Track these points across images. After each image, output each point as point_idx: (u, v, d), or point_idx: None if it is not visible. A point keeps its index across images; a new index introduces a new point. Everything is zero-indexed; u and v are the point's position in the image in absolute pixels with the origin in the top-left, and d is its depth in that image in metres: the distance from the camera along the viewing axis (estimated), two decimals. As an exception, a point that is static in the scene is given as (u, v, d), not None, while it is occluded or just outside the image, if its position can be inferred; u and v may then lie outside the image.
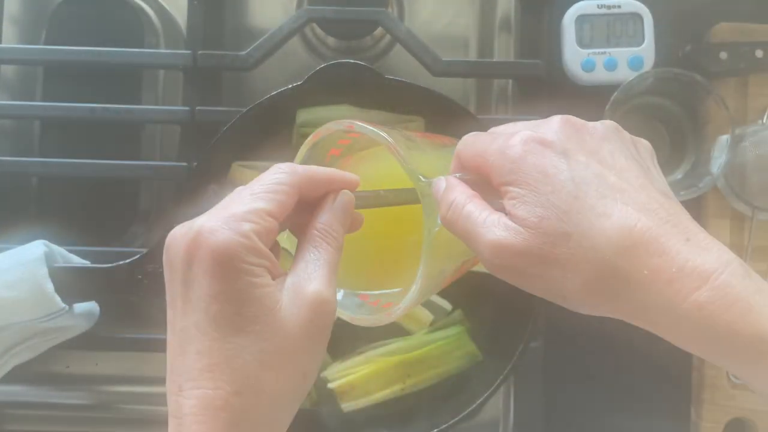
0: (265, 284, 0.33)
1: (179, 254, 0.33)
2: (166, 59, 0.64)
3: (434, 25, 0.71)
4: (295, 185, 0.36)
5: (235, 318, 0.32)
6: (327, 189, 0.38)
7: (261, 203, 0.34)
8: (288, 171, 0.36)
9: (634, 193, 0.34)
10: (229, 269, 0.32)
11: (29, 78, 0.68)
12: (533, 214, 0.33)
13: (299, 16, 0.61)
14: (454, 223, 0.36)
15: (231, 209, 0.34)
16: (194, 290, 0.33)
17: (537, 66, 0.63)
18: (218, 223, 0.33)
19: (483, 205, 0.36)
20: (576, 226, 0.33)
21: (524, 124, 0.38)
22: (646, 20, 0.64)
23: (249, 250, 0.33)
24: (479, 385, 0.58)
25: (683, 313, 0.31)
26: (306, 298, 0.34)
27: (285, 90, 0.57)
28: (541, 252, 0.33)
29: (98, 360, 0.67)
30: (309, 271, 0.35)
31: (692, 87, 0.61)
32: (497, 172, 0.35)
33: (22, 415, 0.65)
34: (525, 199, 0.34)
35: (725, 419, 0.64)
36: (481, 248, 0.35)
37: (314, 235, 0.36)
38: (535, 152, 0.34)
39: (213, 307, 0.32)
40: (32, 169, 0.63)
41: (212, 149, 0.57)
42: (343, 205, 0.38)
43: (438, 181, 0.38)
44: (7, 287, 0.53)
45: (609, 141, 0.36)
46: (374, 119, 0.60)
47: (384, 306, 0.43)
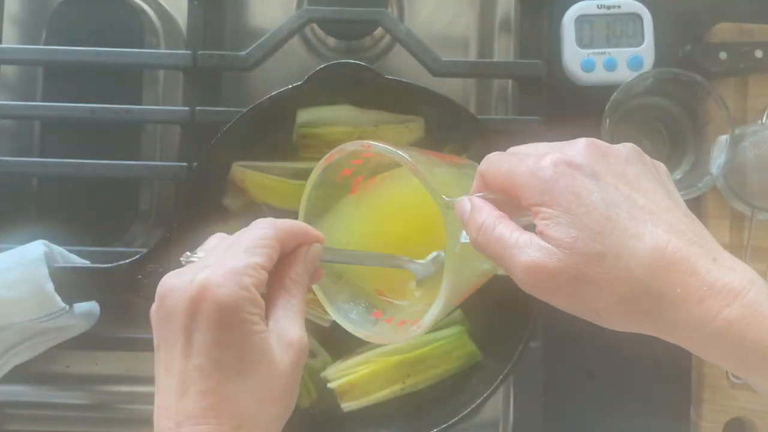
0: (260, 330, 0.37)
1: (181, 304, 0.36)
2: (166, 59, 0.64)
3: (434, 25, 0.71)
4: (278, 239, 0.40)
5: (236, 362, 0.36)
6: (300, 241, 0.41)
7: (255, 258, 0.38)
8: (271, 226, 0.40)
9: (663, 214, 0.35)
10: (233, 320, 0.36)
11: (29, 78, 0.68)
12: (567, 234, 0.34)
13: (299, 16, 0.61)
14: (485, 245, 0.37)
15: (230, 264, 0.37)
16: (197, 337, 0.36)
17: (537, 66, 0.63)
18: (222, 278, 0.36)
19: (512, 225, 0.37)
20: (610, 247, 0.34)
21: (549, 146, 0.39)
22: (646, 20, 0.64)
23: (249, 302, 0.37)
24: (479, 385, 0.58)
25: (714, 330, 0.33)
26: (291, 343, 0.38)
27: (285, 90, 0.57)
28: (575, 272, 0.34)
29: (98, 360, 0.67)
30: (289, 318, 0.39)
31: (692, 87, 0.61)
32: (528, 192, 0.36)
33: (22, 415, 0.65)
34: (558, 219, 0.35)
35: (725, 419, 0.64)
36: (515, 269, 0.36)
37: (289, 284, 0.40)
38: (566, 174, 0.35)
39: (216, 353, 0.36)
40: (32, 169, 0.63)
41: (212, 149, 0.57)
42: (313, 257, 0.42)
43: (462, 202, 0.39)
44: (7, 287, 0.53)
45: (633, 164, 0.37)
46: (374, 119, 0.60)
47: (399, 324, 0.44)
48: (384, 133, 0.60)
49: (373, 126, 0.60)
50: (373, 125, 0.60)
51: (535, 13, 0.65)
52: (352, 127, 0.60)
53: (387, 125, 0.60)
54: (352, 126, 0.60)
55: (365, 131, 0.60)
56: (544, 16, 0.65)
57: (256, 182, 0.59)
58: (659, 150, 0.66)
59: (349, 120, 0.60)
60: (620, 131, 0.65)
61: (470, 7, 0.71)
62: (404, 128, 0.60)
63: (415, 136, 0.61)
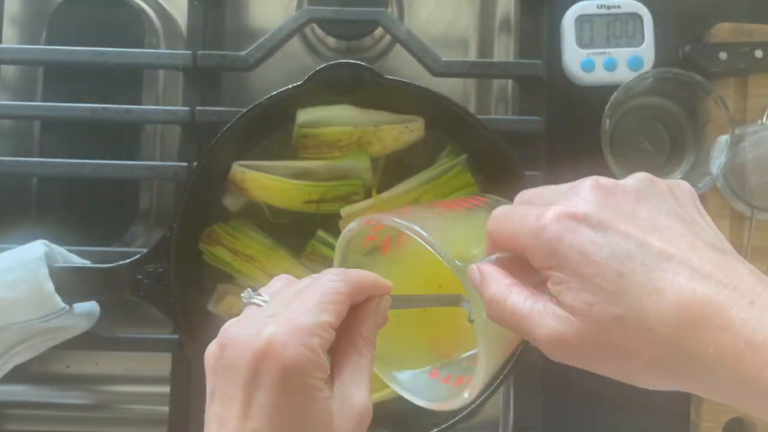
0: (324, 398, 0.35)
1: (244, 358, 0.34)
2: (166, 59, 0.64)
3: (434, 25, 0.71)
4: (349, 293, 0.37)
5: (295, 430, 0.34)
6: (369, 294, 0.38)
7: (325, 315, 0.35)
8: (343, 279, 0.37)
9: (684, 256, 0.31)
10: (297, 384, 0.34)
11: (29, 78, 0.68)
12: (581, 300, 0.31)
13: (299, 16, 0.61)
14: (501, 321, 0.35)
15: (299, 320, 0.34)
16: (257, 397, 0.34)
17: (537, 66, 0.63)
18: (290, 337, 0.34)
19: (525, 293, 0.34)
20: (628, 308, 0.31)
21: (553, 193, 0.36)
22: (646, 20, 0.64)
23: (316, 365, 0.34)
24: (479, 385, 0.58)
25: (758, 390, 0.29)
26: (354, 410, 0.35)
27: (285, 90, 0.57)
28: (597, 339, 0.32)
29: (98, 360, 0.67)
30: (354, 380, 0.36)
31: (692, 87, 0.61)
32: (535, 256, 0.33)
33: (22, 415, 0.66)
34: (570, 284, 0.32)
35: (724, 419, 0.64)
36: (535, 342, 0.34)
37: (359, 342, 0.37)
38: (570, 230, 0.32)
39: (276, 418, 0.33)
40: (32, 169, 0.63)
41: (212, 149, 0.57)
42: (383, 311, 0.39)
43: (472, 271, 0.36)
44: (7, 287, 0.53)
45: (644, 199, 0.33)
46: (374, 119, 0.60)
47: (456, 383, 0.42)
48: (384, 133, 0.60)
49: (373, 126, 0.60)
50: (373, 125, 0.60)
51: (535, 13, 0.65)
52: (352, 127, 0.60)
53: (387, 125, 0.60)
54: (352, 126, 0.60)
55: (365, 131, 0.60)
56: (544, 16, 0.65)
57: (256, 182, 0.59)
58: (659, 150, 0.66)
59: (349, 120, 0.60)
60: (620, 131, 0.65)
61: (470, 7, 0.71)
62: (404, 128, 0.60)
63: (415, 136, 0.61)
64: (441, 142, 0.62)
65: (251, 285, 0.60)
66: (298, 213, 0.60)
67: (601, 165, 0.62)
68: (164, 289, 0.56)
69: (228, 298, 0.60)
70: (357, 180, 0.60)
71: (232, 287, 0.60)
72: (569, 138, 0.66)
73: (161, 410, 0.63)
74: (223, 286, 0.61)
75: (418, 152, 0.62)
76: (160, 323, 0.63)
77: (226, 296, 0.60)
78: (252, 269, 0.59)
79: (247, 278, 0.60)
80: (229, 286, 0.60)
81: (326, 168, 0.60)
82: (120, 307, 0.63)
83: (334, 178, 0.60)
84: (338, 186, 0.59)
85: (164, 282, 0.56)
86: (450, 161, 0.61)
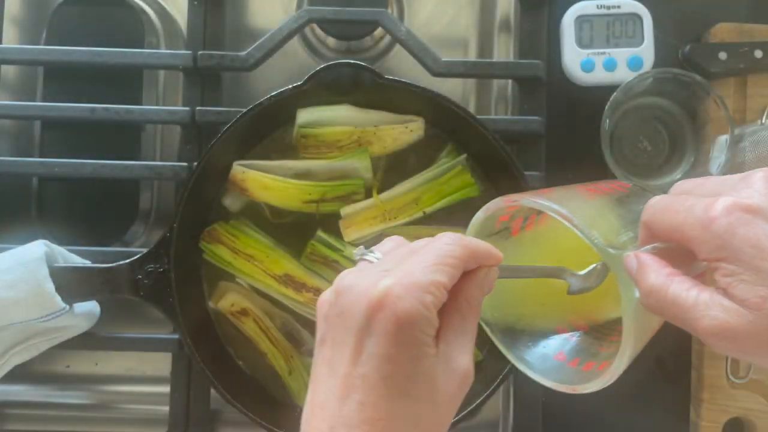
0: (431, 354, 0.35)
1: (360, 306, 0.35)
2: (166, 59, 0.64)
3: (434, 25, 0.71)
4: (463, 259, 0.37)
5: (403, 381, 0.34)
6: (481, 263, 0.39)
7: (440, 276, 0.35)
8: (459, 244, 0.37)
9: None
10: (409, 337, 0.34)
11: (29, 78, 0.68)
12: (755, 294, 0.31)
13: (299, 17, 0.61)
14: (659, 309, 0.35)
15: (415, 276, 0.35)
16: (368, 345, 0.34)
17: (537, 66, 0.63)
18: (405, 290, 0.34)
19: (687, 283, 0.34)
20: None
21: (719, 184, 0.35)
22: (646, 20, 0.64)
23: (427, 321, 0.35)
24: (479, 386, 0.58)
25: None
26: (458, 372, 0.36)
27: (285, 90, 0.57)
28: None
29: (98, 360, 0.67)
30: (459, 343, 0.37)
31: (692, 87, 0.61)
32: (703, 248, 0.33)
33: (22, 415, 0.65)
34: (742, 277, 0.31)
35: (724, 419, 0.64)
36: (699, 332, 0.33)
37: (465, 307, 0.38)
38: (744, 223, 0.31)
39: (386, 366, 0.34)
40: (32, 169, 0.63)
41: (212, 149, 0.57)
42: (491, 280, 0.39)
43: (628, 259, 0.36)
44: (7, 287, 0.53)
45: None
46: (374, 119, 0.61)
47: (584, 368, 0.42)
48: (384, 133, 0.60)
49: (373, 126, 0.60)
50: (373, 125, 0.60)
51: (535, 13, 0.65)
52: (352, 127, 0.60)
53: (387, 125, 0.60)
54: (352, 126, 0.60)
55: (365, 131, 0.60)
56: (544, 16, 0.65)
57: (256, 182, 0.59)
58: (659, 150, 0.66)
59: (349, 120, 0.60)
60: (620, 131, 0.65)
61: (470, 7, 0.71)
62: (404, 128, 0.60)
63: (415, 136, 0.61)
64: (441, 142, 0.62)
65: (252, 284, 0.60)
66: (298, 213, 0.60)
67: (601, 165, 0.62)
68: (164, 289, 0.56)
69: (229, 296, 0.60)
70: (357, 180, 0.60)
71: (233, 285, 0.61)
72: (569, 138, 0.66)
73: (161, 410, 0.63)
74: (224, 283, 0.61)
75: (418, 152, 0.62)
76: (160, 323, 0.63)
77: (227, 294, 0.60)
78: (252, 268, 0.59)
79: (247, 277, 0.60)
80: (230, 284, 0.61)
81: (326, 168, 0.60)
82: (120, 307, 0.63)
83: (334, 178, 0.60)
84: (338, 186, 0.59)
85: (164, 282, 0.56)
86: (450, 161, 0.61)
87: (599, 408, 0.66)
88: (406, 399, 0.34)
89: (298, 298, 0.59)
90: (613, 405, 0.66)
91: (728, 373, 0.64)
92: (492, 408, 0.65)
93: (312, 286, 0.59)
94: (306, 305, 0.59)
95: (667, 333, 0.38)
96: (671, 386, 0.66)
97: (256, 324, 0.60)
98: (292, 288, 0.59)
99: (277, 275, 0.59)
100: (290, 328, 0.61)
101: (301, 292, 0.59)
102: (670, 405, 0.66)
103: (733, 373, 0.64)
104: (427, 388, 0.35)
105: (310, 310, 0.60)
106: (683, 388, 0.66)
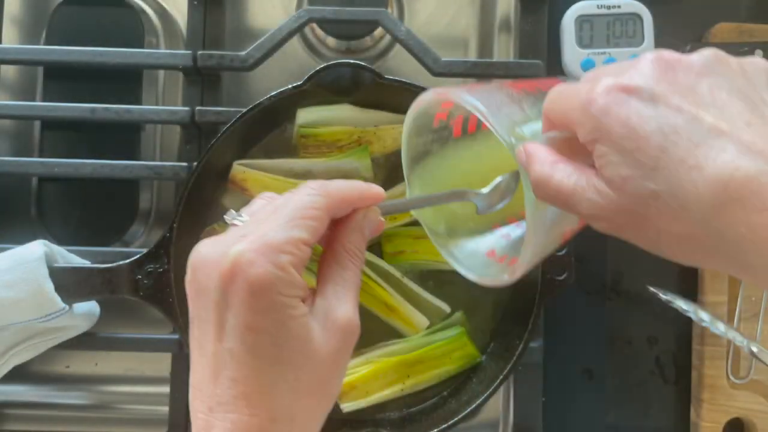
0: (299, 315, 0.33)
1: (213, 279, 0.33)
2: (166, 59, 0.64)
3: (434, 25, 0.71)
4: (328, 208, 0.35)
5: (271, 348, 0.33)
6: (355, 206, 0.37)
7: (297, 231, 0.34)
8: (321, 193, 0.36)
9: (737, 133, 0.29)
10: (266, 302, 0.33)
11: (29, 78, 0.68)
12: (618, 174, 0.31)
13: (299, 16, 0.61)
14: (546, 198, 0.34)
15: (267, 237, 0.33)
16: (229, 318, 0.33)
17: (537, 66, 0.63)
18: (256, 254, 0.33)
19: (569, 169, 0.33)
20: (664, 184, 0.30)
21: (615, 67, 0.34)
22: (646, 20, 0.64)
23: (286, 283, 0.33)
24: (479, 385, 0.58)
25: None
26: (337, 324, 0.34)
27: (285, 90, 0.57)
28: (631, 212, 0.31)
29: (98, 360, 0.67)
30: (338, 295, 0.35)
31: (692, 87, 0.61)
32: (582, 130, 0.32)
33: (22, 415, 0.65)
34: (610, 158, 0.31)
35: (725, 419, 0.64)
36: (581, 216, 0.33)
37: (342, 255, 0.36)
38: (619, 102, 0.31)
39: (249, 337, 0.33)
40: (32, 169, 0.63)
41: (212, 149, 0.57)
42: (371, 222, 0.38)
43: (518, 152, 0.35)
44: (7, 287, 0.53)
45: (707, 75, 0.31)
46: (374, 119, 0.60)
47: (510, 263, 0.41)
48: (384, 133, 0.60)
49: (373, 126, 0.60)
50: (373, 125, 0.60)
51: (535, 13, 0.65)
52: (352, 127, 0.60)
53: (387, 125, 0.60)
54: (352, 126, 0.60)
55: (365, 131, 0.60)
56: (544, 16, 0.65)
57: (256, 182, 0.59)
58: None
59: (349, 120, 0.60)
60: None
61: (470, 7, 0.71)
62: (404, 128, 0.60)
63: (415, 136, 0.61)
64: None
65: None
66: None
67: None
68: (164, 289, 0.56)
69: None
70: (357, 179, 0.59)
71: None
72: (569, 138, 0.66)
73: (161, 410, 0.63)
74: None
75: (418, 152, 0.62)
76: (160, 323, 0.63)
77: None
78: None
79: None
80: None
81: (326, 168, 0.60)
82: (120, 307, 0.63)
83: (334, 178, 0.60)
84: (338, 186, 0.59)
85: (164, 282, 0.56)
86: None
87: (599, 408, 0.66)
88: (279, 366, 0.33)
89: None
90: (614, 405, 0.66)
91: (729, 373, 0.64)
92: (492, 408, 0.65)
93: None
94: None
95: (667, 334, 0.38)
96: (671, 386, 0.66)
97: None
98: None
99: None
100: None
101: (301, 292, 0.59)
102: (670, 405, 0.66)
103: (733, 373, 0.64)
104: (300, 350, 0.33)
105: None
106: (683, 388, 0.66)
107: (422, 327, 0.59)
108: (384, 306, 0.59)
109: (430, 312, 0.60)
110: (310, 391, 0.34)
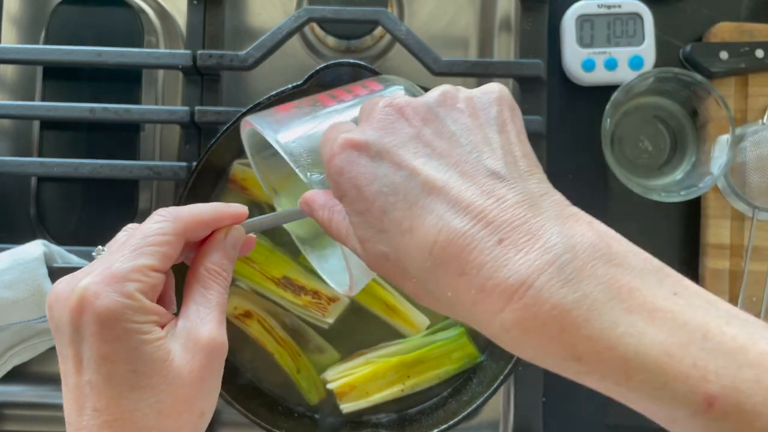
0: (154, 339, 0.33)
1: (64, 317, 0.33)
2: (165, 59, 0.64)
3: (434, 25, 0.71)
4: (180, 233, 0.35)
5: (128, 375, 0.33)
6: (214, 227, 0.37)
7: (143, 259, 0.34)
8: (169, 218, 0.35)
9: (448, 188, 0.28)
10: (117, 331, 0.33)
11: (29, 78, 0.68)
12: (359, 234, 0.31)
13: (299, 16, 0.61)
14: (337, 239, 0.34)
15: (113, 267, 0.33)
16: (84, 351, 0.33)
17: (537, 66, 0.63)
18: (101, 286, 0.33)
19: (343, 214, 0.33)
20: (389, 246, 0.30)
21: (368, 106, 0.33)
22: (646, 20, 0.64)
23: (135, 310, 0.33)
24: (479, 386, 0.58)
25: (495, 334, 0.28)
26: (200, 344, 0.34)
27: (285, 90, 0.57)
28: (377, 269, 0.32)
29: (98, 360, 0.67)
30: (201, 315, 0.35)
31: (692, 87, 0.61)
32: (331, 186, 0.33)
33: (21, 415, 0.65)
34: (352, 219, 0.32)
35: (725, 419, 0.64)
36: None
37: (203, 275, 0.36)
38: (351, 161, 0.31)
39: (104, 367, 0.33)
40: (31, 169, 0.63)
41: (212, 149, 0.57)
42: (233, 241, 0.37)
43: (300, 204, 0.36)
44: (6, 287, 0.53)
45: (432, 119, 0.31)
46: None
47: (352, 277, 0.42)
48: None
49: (373, 126, 0.60)
50: (373, 125, 0.60)
51: (536, 13, 0.65)
52: (352, 127, 0.60)
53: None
54: (352, 126, 0.60)
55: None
56: (544, 16, 0.65)
57: (256, 181, 0.59)
58: (660, 150, 0.66)
59: (349, 120, 0.60)
60: (621, 131, 0.65)
61: (470, 7, 0.71)
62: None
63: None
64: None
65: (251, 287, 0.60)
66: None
67: (602, 165, 0.62)
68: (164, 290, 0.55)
69: (231, 299, 0.60)
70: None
71: (234, 288, 0.60)
72: (569, 138, 0.66)
73: (161, 410, 0.62)
74: (223, 286, 0.60)
75: (418, 152, 0.61)
76: (159, 323, 0.63)
77: (230, 297, 0.60)
78: (251, 271, 0.59)
79: (246, 279, 0.60)
80: (231, 287, 0.60)
81: (326, 168, 0.60)
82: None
83: (333, 178, 0.60)
84: (338, 186, 0.59)
85: (164, 282, 0.55)
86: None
87: (599, 408, 0.66)
88: (138, 391, 0.33)
89: (297, 302, 0.59)
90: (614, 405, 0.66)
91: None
92: (492, 408, 0.65)
93: (311, 289, 0.59)
94: (305, 308, 0.59)
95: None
96: (672, 386, 0.66)
97: (261, 325, 0.60)
98: (290, 291, 0.59)
99: (275, 278, 0.59)
100: (295, 325, 0.61)
101: (299, 296, 0.59)
102: (670, 405, 0.66)
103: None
104: (159, 372, 0.33)
105: (309, 313, 0.59)
106: (684, 388, 0.66)
107: (422, 327, 0.59)
108: (384, 306, 0.59)
109: (431, 312, 0.60)
110: (175, 411, 0.34)
